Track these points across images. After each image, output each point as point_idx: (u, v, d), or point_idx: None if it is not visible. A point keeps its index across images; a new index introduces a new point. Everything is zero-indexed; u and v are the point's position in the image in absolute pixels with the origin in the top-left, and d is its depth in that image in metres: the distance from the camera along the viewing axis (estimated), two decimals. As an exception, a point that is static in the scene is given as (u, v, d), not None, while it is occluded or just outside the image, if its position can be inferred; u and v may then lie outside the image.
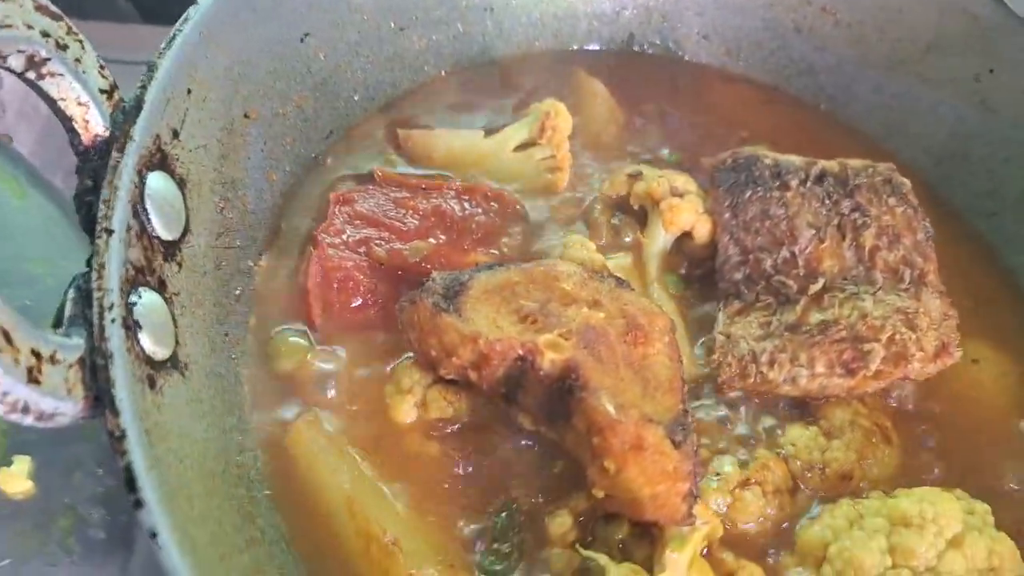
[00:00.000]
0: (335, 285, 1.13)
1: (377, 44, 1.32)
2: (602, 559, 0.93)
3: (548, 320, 1.01)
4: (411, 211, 1.21)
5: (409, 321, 1.04)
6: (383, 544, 0.96)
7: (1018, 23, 1.30)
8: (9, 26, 0.78)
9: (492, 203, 1.25)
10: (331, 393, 1.08)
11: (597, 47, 1.53)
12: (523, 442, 1.06)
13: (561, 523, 0.99)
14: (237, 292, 1.10)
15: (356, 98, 1.33)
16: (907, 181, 1.26)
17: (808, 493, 1.08)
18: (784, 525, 1.05)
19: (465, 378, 1.01)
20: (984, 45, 1.37)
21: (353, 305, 1.13)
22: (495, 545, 0.99)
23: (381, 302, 1.14)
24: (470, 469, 1.05)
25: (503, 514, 1.01)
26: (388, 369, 1.10)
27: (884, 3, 1.44)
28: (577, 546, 0.97)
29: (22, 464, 1.18)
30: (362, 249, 1.16)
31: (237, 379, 1.06)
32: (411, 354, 1.08)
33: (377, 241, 1.16)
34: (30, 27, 0.80)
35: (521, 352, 0.97)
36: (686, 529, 0.92)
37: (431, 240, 1.18)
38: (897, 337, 1.12)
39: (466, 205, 1.24)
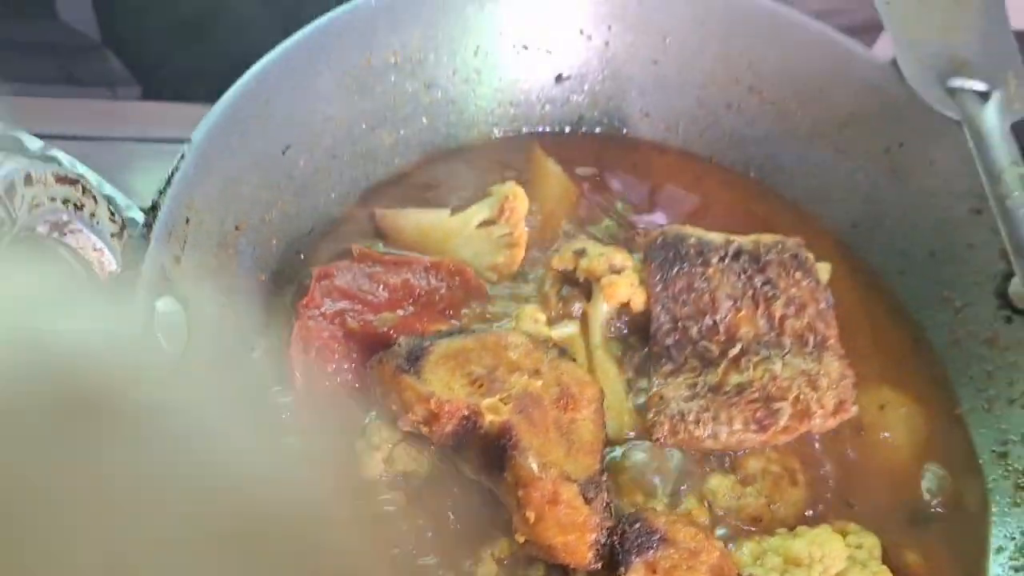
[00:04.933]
0: (312, 353, 1.23)
1: (351, 145, 1.42)
2: None
3: (493, 385, 1.14)
4: (383, 285, 1.31)
5: (377, 378, 1.18)
6: None
7: (922, 103, 1.42)
8: (37, 205, 0.93)
9: (455, 277, 1.36)
10: (306, 447, 1.17)
11: (550, 129, 1.64)
12: (475, 496, 1.17)
13: (487, 571, 1.13)
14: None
15: (334, 195, 1.43)
16: (811, 256, 1.40)
17: (728, 532, 1.24)
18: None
19: (419, 431, 1.14)
20: (894, 122, 1.50)
21: (329, 370, 1.24)
22: None
23: (354, 367, 1.24)
24: (431, 518, 1.16)
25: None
26: (361, 426, 1.20)
27: (805, 83, 1.56)
28: None
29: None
30: (337, 320, 1.26)
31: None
32: (374, 414, 1.19)
33: (351, 313, 1.26)
34: (53, 199, 0.96)
35: (466, 412, 1.11)
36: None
37: (399, 312, 1.29)
38: (801, 396, 1.27)
39: (432, 279, 1.34)
